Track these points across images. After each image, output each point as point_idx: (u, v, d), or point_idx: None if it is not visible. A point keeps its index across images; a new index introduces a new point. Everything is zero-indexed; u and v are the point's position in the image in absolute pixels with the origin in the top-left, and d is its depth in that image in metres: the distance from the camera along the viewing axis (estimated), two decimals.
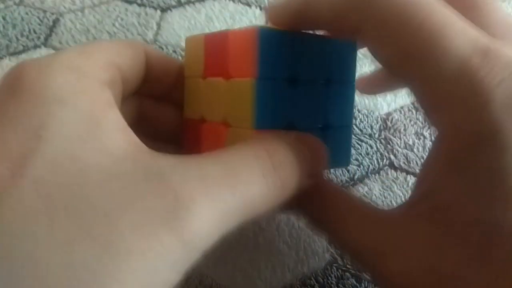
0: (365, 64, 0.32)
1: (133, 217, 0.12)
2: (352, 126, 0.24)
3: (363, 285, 0.23)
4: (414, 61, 0.15)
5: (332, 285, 0.23)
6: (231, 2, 0.35)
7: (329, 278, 0.23)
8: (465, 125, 0.14)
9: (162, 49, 0.34)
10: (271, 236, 0.24)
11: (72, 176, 0.13)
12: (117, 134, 0.14)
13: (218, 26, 0.35)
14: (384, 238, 0.16)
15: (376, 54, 0.17)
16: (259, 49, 0.17)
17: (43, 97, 0.14)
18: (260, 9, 0.34)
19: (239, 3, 0.35)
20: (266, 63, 0.17)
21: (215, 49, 0.19)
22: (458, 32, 0.14)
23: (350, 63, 0.20)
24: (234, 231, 0.14)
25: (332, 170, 0.27)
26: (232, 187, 0.14)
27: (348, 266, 0.23)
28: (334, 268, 0.23)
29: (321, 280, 0.23)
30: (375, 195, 0.26)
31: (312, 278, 0.23)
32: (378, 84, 0.25)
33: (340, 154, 0.20)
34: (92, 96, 0.15)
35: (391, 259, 0.16)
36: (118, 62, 0.17)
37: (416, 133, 0.29)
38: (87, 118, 0.14)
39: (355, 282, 0.23)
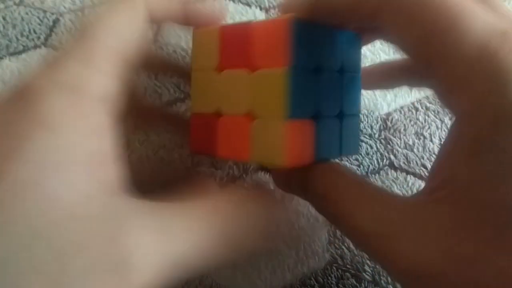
0: (364, 64, 0.32)
1: (85, 262, 0.13)
2: (359, 115, 0.24)
3: (363, 285, 0.23)
4: (434, 42, 0.15)
5: (332, 285, 0.23)
6: (231, 2, 0.35)
7: (329, 278, 0.23)
8: (486, 104, 0.14)
9: (162, 49, 0.34)
10: (271, 236, 0.24)
11: (32, 207, 0.13)
12: (88, 170, 0.15)
13: None
14: (400, 222, 0.16)
15: (394, 38, 0.17)
16: (293, 38, 0.17)
17: (33, 122, 0.14)
18: (260, 9, 0.34)
19: (239, 3, 0.35)
20: (297, 52, 0.17)
21: (234, 40, 0.19)
22: (477, 15, 0.15)
23: (357, 54, 0.21)
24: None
25: None
26: (188, 241, 0.15)
27: (348, 266, 0.23)
28: (334, 268, 0.23)
29: (321, 280, 0.23)
30: None
31: (312, 278, 0.23)
32: (378, 80, 0.25)
33: (351, 142, 0.21)
34: (79, 125, 0.15)
35: (407, 242, 0.15)
36: (122, 47, 0.17)
37: (416, 133, 0.29)
38: (66, 149, 0.14)
39: (355, 282, 0.23)
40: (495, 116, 0.14)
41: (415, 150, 0.28)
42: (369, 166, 0.27)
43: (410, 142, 0.28)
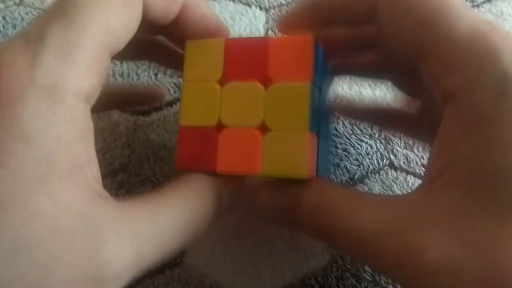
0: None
1: (64, 276, 0.13)
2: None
3: (363, 285, 0.23)
4: (429, 27, 0.16)
5: (332, 285, 0.23)
6: (231, 2, 0.35)
7: (329, 278, 0.23)
8: (484, 79, 0.15)
9: None
10: (271, 236, 0.24)
11: (14, 220, 0.13)
12: (69, 179, 0.14)
13: None
14: (406, 217, 0.16)
15: (388, 29, 0.18)
16: (315, 55, 0.18)
17: (10, 132, 0.14)
18: (260, 9, 0.34)
19: (239, 3, 0.35)
20: (316, 68, 0.18)
21: (243, 54, 0.19)
22: (464, 7, 0.16)
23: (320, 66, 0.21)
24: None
25: (332, 170, 0.27)
26: (159, 247, 0.16)
27: (348, 266, 0.23)
28: (334, 268, 0.23)
29: (321, 280, 0.23)
30: None
31: (312, 278, 0.23)
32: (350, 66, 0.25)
33: (327, 163, 0.21)
34: (60, 132, 0.14)
35: (420, 236, 0.15)
36: (109, 45, 0.16)
37: None
38: (47, 161, 0.14)
39: (355, 282, 0.23)
40: (494, 88, 0.15)
41: (415, 150, 0.28)
42: (369, 166, 0.27)
43: (410, 142, 0.28)
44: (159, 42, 0.24)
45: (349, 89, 0.29)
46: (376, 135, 0.29)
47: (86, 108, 0.16)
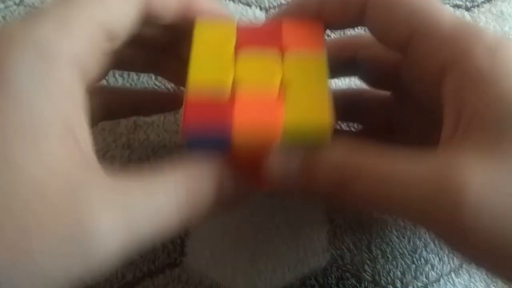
0: None
1: (47, 238, 0.13)
2: None
3: (363, 285, 0.23)
4: (418, 16, 0.19)
5: (332, 285, 0.23)
6: (231, 2, 0.35)
7: (329, 278, 0.23)
8: (474, 46, 0.17)
9: None
10: (271, 236, 0.24)
11: (2, 179, 0.13)
12: (58, 144, 0.14)
13: None
14: (442, 160, 0.16)
15: (380, 23, 0.20)
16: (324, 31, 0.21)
17: (0, 89, 0.14)
18: (260, 9, 0.34)
19: (239, 3, 0.35)
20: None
21: (257, 32, 0.21)
22: (441, 3, 0.19)
23: None
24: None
25: None
26: (149, 217, 0.15)
27: (348, 266, 0.23)
28: (334, 268, 0.23)
29: (321, 280, 0.23)
30: None
31: (312, 278, 0.23)
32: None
33: None
34: (49, 97, 0.15)
35: (455, 175, 0.15)
36: (104, 20, 0.17)
37: None
38: (35, 123, 0.14)
39: (355, 282, 0.23)
40: (486, 50, 0.17)
41: None
42: None
43: None
44: (167, 58, 0.24)
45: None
46: None
47: (79, 77, 0.16)
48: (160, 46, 0.23)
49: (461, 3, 0.38)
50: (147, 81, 0.30)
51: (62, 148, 0.14)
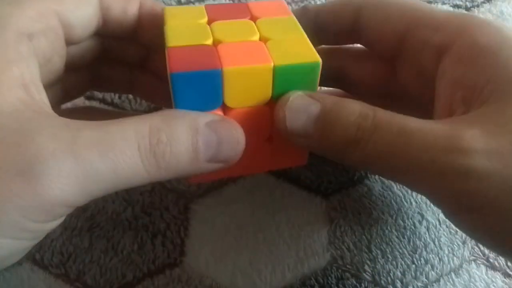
0: None
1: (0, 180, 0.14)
2: None
3: (363, 285, 0.23)
4: (412, 11, 0.21)
5: (332, 285, 0.23)
6: (231, 2, 0.35)
7: (329, 278, 0.23)
8: (469, 27, 0.19)
9: None
10: (271, 236, 0.25)
11: None
12: (13, 91, 0.15)
13: None
14: (452, 127, 0.16)
15: (375, 26, 0.22)
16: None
17: None
18: None
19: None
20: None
21: (227, 9, 0.22)
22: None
23: None
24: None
25: (331, 171, 0.27)
26: (102, 152, 0.15)
27: (348, 266, 0.23)
28: (334, 268, 0.23)
29: (321, 280, 0.23)
30: (375, 195, 0.26)
31: (312, 278, 0.23)
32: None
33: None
34: (1, 52, 0.16)
35: (466, 141, 0.15)
36: (58, 9, 0.19)
37: None
38: None
39: (355, 282, 0.23)
40: (479, 31, 0.18)
41: None
42: None
43: None
44: (143, 79, 0.25)
45: None
46: None
47: (30, 48, 0.17)
48: (133, 63, 0.25)
49: (461, 3, 0.38)
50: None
51: (13, 93, 0.15)
